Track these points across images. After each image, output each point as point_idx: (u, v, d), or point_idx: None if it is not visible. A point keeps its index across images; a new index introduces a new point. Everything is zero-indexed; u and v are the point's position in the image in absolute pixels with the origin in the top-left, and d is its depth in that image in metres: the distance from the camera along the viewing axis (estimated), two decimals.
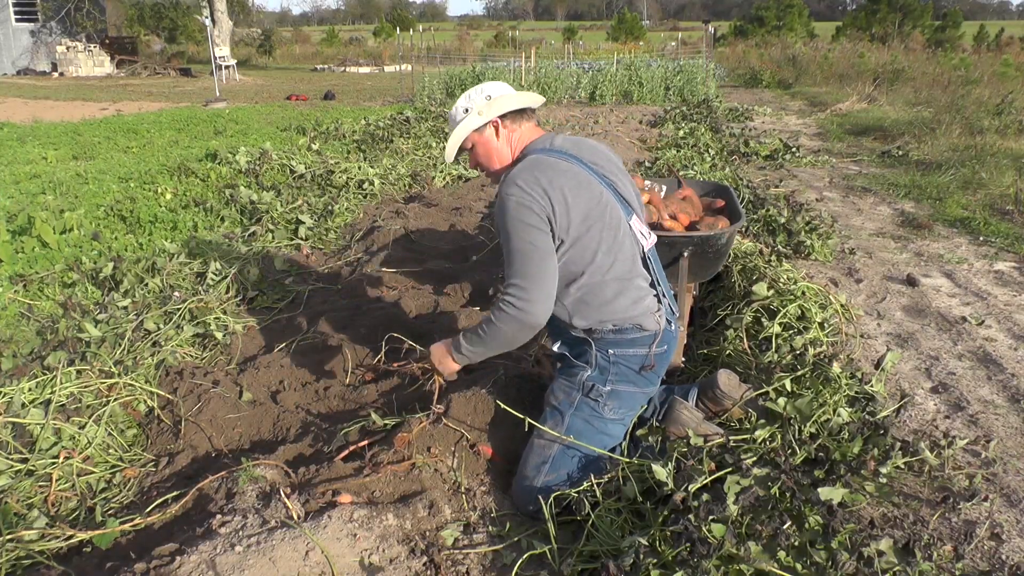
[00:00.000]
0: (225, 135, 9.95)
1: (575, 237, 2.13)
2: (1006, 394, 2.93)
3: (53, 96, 16.57)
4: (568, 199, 2.11)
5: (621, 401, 2.25)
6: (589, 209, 2.15)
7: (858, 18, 36.52)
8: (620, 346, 2.21)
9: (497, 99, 2.27)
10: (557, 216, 2.10)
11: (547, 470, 2.21)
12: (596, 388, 2.22)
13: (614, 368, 2.22)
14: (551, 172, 2.14)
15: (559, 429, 2.23)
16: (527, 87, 15.02)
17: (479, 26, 75.09)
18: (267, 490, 2.11)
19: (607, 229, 2.18)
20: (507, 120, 2.28)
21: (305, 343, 3.32)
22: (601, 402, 2.23)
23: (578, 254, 2.15)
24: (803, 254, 4.65)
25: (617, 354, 2.22)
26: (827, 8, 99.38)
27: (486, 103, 2.26)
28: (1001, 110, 9.79)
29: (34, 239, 4.78)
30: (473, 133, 2.29)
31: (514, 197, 2.09)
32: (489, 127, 2.28)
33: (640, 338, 2.22)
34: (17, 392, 2.67)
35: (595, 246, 2.16)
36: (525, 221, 2.08)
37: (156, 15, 33.06)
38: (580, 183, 2.16)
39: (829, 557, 1.77)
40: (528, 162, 2.19)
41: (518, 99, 2.29)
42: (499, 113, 2.26)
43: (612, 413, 2.25)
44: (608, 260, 2.18)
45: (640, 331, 2.22)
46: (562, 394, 2.28)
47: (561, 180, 2.13)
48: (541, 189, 2.09)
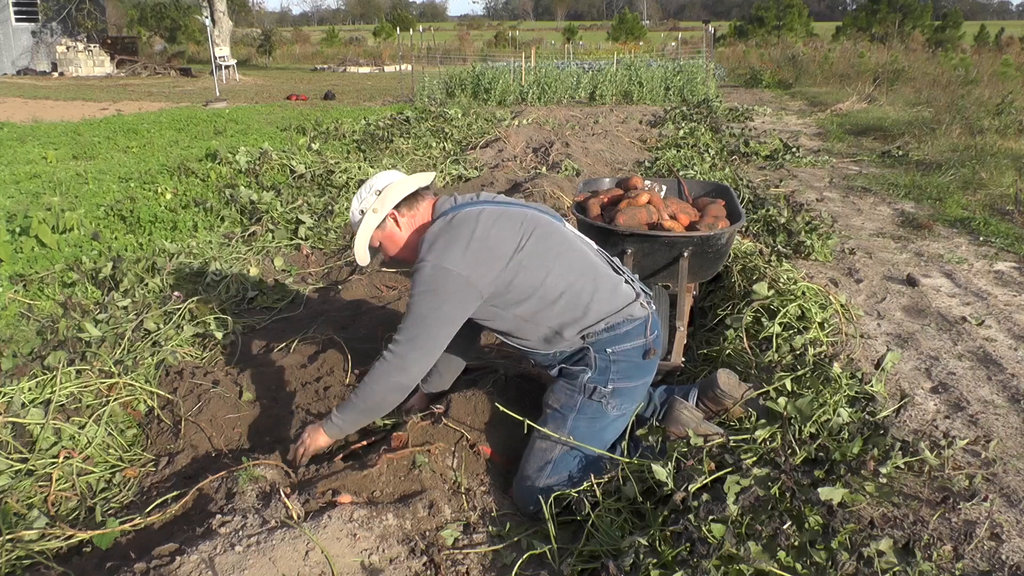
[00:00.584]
0: (225, 135, 9.95)
1: (518, 264, 2.14)
2: (1006, 394, 2.93)
3: (53, 96, 16.57)
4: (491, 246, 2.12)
5: (624, 397, 2.26)
6: (518, 234, 2.16)
7: (858, 18, 36.54)
8: (616, 343, 2.22)
9: (386, 191, 2.25)
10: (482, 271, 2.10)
11: (549, 472, 2.21)
12: (598, 390, 2.22)
13: (615, 367, 2.22)
14: (465, 225, 2.14)
15: (561, 432, 2.23)
16: (527, 87, 15.02)
17: (479, 26, 75.05)
18: (267, 490, 2.11)
19: (546, 239, 2.21)
20: (403, 208, 2.27)
21: (305, 343, 3.32)
22: (605, 402, 2.23)
23: (531, 278, 2.15)
24: (803, 254, 4.65)
25: (616, 351, 2.22)
26: (827, 8, 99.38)
27: (377, 199, 2.25)
28: (1001, 110, 9.79)
29: (33, 239, 4.79)
30: (376, 231, 2.28)
31: (430, 263, 2.10)
32: (388, 220, 2.27)
33: (633, 329, 2.23)
34: (17, 392, 2.67)
35: (543, 260, 2.17)
36: (435, 290, 2.08)
37: (158, 15, 33.05)
38: (498, 218, 2.17)
39: (829, 557, 1.77)
40: (441, 224, 2.18)
41: (407, 184, 2.28)
42: (393, 204, 2.25)
43: (616, 410, 2.25)
44: (564, 262, 2.20)
45: (631, 321, 2.23)
46: (564, 396, 2.27)
47: (477, 228, 2.13)
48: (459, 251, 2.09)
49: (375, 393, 2.18)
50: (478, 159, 8.10)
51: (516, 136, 9.18)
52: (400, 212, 2.26)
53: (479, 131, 10.11)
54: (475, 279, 2.09)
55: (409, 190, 2.27)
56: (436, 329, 2.12)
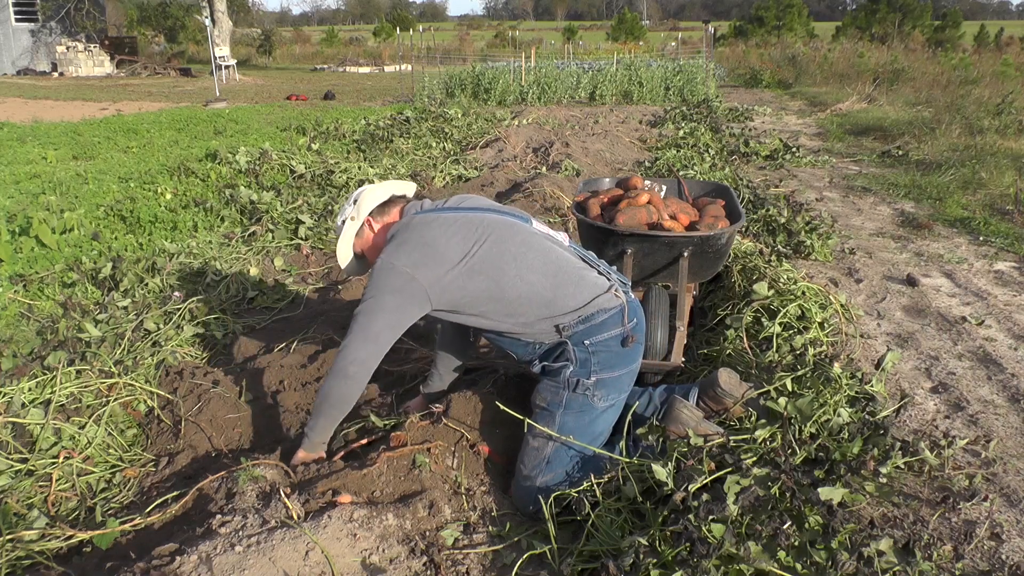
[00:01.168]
0: (225, 135, 9.95)
1: (466, 273, 2.18)
2: (1006, 394, 2.93)
3: (53, 96, 16.58)
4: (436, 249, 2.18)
5: (609, 388, 2.26)
6: (471, 240, 2.21)
7: (858, 18, 36.54)
8: (593, 334, 2.23)
9: (361, 199, 2.37)
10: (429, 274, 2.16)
11: (545, 470, 2.22)
12: (581, 382, 2.24)
13: (595, 358, 2.24)
14: (416, 232, 2.23)
15: (551, 429, 2.24)
16: (527, 87, 15.02)
17: (479, 26, 75.09)
18: (267, 490, 2.11)
19: (502, 242, 2.23)
20: (375, 215, 2.38)
21: (305, 343, 3.32)
22: (590, 394, 2.24)
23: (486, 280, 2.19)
24: (803, 254, 4.65)
25: (594, 342, 2.23)
26: (827, 8, 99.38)
27: (354, 207, 2.38)
28: (1001, 110, 9.79)
29: (33, 239, 4.79)
30: (356, 239, 2.40)
31: (382, 262, 2.20)
32: (364, 227, 2.38)
33: (609, 318, 2.24)
34: (17, 392, 2.67)
35: (499, 262, 2.20)
36: (384, 289, 2.17)
37: (161, 14, 33.02)
38: (449, 226, 2.24)
39: (829, 557, 1.77)
40: (395, 228, 2.29)
41: (381, 191, 2.40)
42: (367, 212, 2.37)
43: (602, 401, 2.26)
44: (523, 263, 2.22)
45: (606, 312, 2.24)
46: (549, 394, 2.29)
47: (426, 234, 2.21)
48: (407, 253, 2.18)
49: (324, 386, 2.25)
50: (478, 159, 8.10)
51: (516, 136, 9.18)
52: (375, 218, 2.38)
53: (479, 131, 10.11)
54: (419, 277, 2.16)
55: (382, 197, 2.39)
56: (375, 317, 2.18)
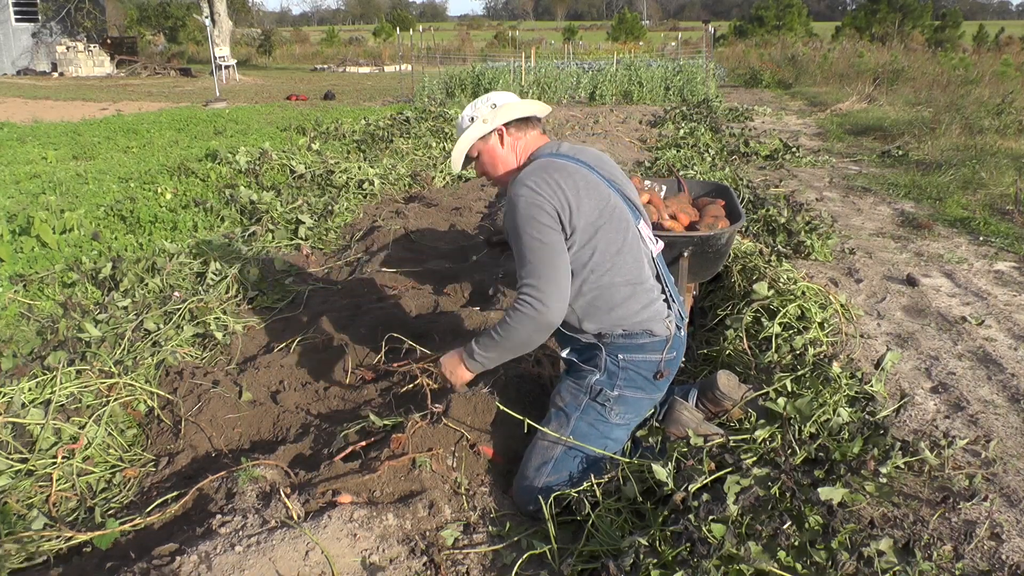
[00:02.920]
0: (225, 135, 9.95)
1: (585, 239, 2.13)
2: (1006, 394, 2.93)
3: (53, 96, 16.57)
4: (579, 198, 2.11)
5: (628, 407, 2.24)
6: (599, 210, 2.14)
7: (857, 18, 36.53)
8: (630, 351, 2.21)
9: (502, 107, 2.27)
10: (569, 215, 2.10)
11: (549, 471, 2.21)
12: (604, 392, 2.21)
13: (623, 374, 2.21)
14: (560, 173, 2.14)
15: (563, 431, 2.23)
16: (527, 87, 15.01)
17: (479, 26, 75.11)
18: (267, 490, 2.11)
19: (616, 231, 2.17)
20: (512, 128, 2.29)
21: (305, 343, 3.32)
22: (608, 407, 2.22)
23: (587, 255, 2.14)
24: (803, 254, 4.65)
25: (627, 359, 2.21)
26: (827, 8, 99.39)
27: (491, 111, 2.26)
28: (1001, 110, 9.79)
29: (34, 239, 4.79)
30: (479, 141, 2.29)
31: (524, 197, 2.09)
32: (494, 135, 2.28)
33: (650, 343, 2.21)
34: (17, 392, 2.67)
35: (604, 247, 2.15)
36: (537, 219, 2.07)
37: (161, 13, 33.01)
38: (589, 184, 2.17)
39: (829, 557, 1.77)
40: (536, 164, 2.19)
41: (523, 107, 2.30)
42: (504, 121, 2.27)
43: (618, 418, 2.24)
44: (618, 262, 2.17)
45: (650, 336, 2.21)
46: (569, 396, 2.27)
47: (571, 181, 2.13)
48: (551, 189, 2.09)
49: (521, 335, 2.11)
50: None
51: None
52: (509, 131, 2.28)
53: None
54: (563, 214, 2.09)
55: (524, 113, 2.28)
56: (555, 257, 2.08)
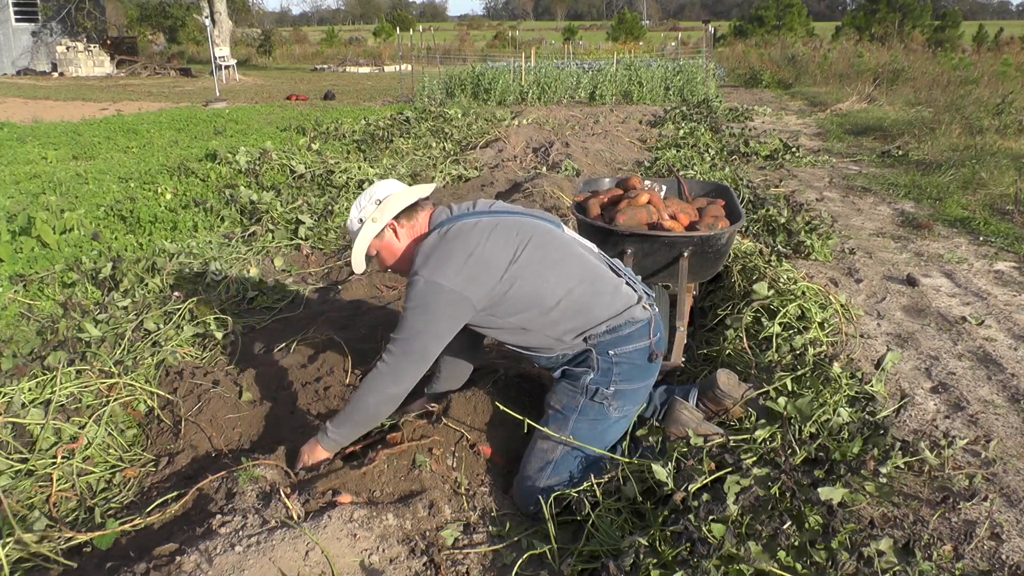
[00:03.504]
0: (225, 135, 9.95)
1: (510, 282, 2.13)
2: (1006, 394, 2.93)
3: (53, 96, 16.57)
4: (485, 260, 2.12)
5: (626, 399, 2.26)
6: (512, 245, 2.16)
7: (857, 18, 36.52)
8: (619, 344, 2.22)
9: (386, 201, 2.26)
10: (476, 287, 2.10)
11: (550, 472, 2.21)
12: (600, 391, 2.22)
13: (617, 368, 2.22)
14: (459, 240, 2.14)
15: (563, 432, 2.23)
16: (527, 87, 15.02)
17: (479, 26, 75.10)
18: (267, 490, 2.11)
19: (544, 248, 2.19)
20: (402, 219, 2.28)
21: (305, 343, 3.32)
22: (607, 404, 2.23)
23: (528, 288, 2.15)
24: (803, 254, 4.65)
25: (619, 353, 2.22)
26: (827, 8, 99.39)
27: (377, 208, 2.26)
28: (1001, 110, 9.79)
29: (34, 239, 4.79)
30: (374, 241, 2.29)
31: (424, 278, 2.11)
32: (387, 230, 2.28)
33: (636, 331, 2.23)
34: (17, 392, 2.67)
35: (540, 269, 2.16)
36: (428, 305, 2.10)
37: (161, 14, 32.99)
38: (492, 231, 2.17)
39: (829, 557, 1.77)
40: (435, 238, 2.18)
41: (407, 195, 2.29)
42: (392, 215, 2.26)
43: (617, 412, 2.25)
44: (563, 274, 2.19)
45: (633, 324, 2.22)
46: (565, 398, 2.27)
47: (469, 244, 2.13)
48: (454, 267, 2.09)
49: (368, 405, 2.20)
50: (478, 159, 8.09)
51: (516, 136, 9.18)
52: (399, 223, 2.28)
53: (479, 131, 10.10)
54: (469, 293, 2.10)
55: (409, 201, 2.28)
56: (428, 342, 2.14)
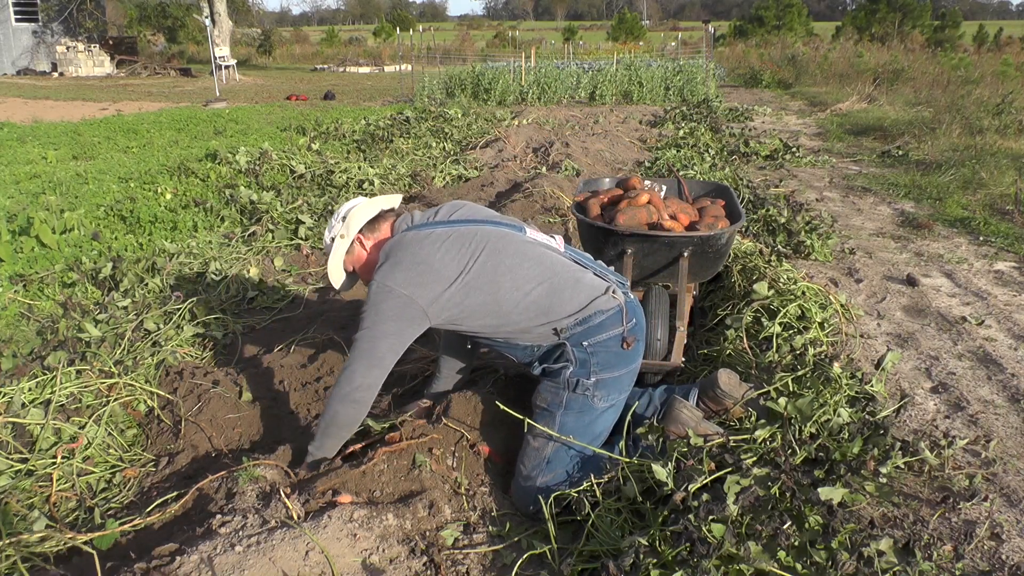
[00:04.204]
0: (225, 135, 9.95)
1: (463, 289, 2.18)
2: (1006, 394, 2.93)
3: (53, 96, 16.57)
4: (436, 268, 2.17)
5: (609, 388, 2.26)
6: (465, 254, 2.21)
7: (857, 18, 36.52)
8: (591, 335, 2.23)
9: (350, 216, 2.34)
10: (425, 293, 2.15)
11: (545, 470, 2.22)
12: (581, 382, 2.24)
13: (594, 359, 2.24)
14: (410, 250, 2.21)
15: (552, 429, 2.24)
16: (527, 87, 15.02)
17: (479, 26, 75.12)
18: (267, 490, 2.11)
19: (497, 255, 2.23)
20: (365, 231, 2.36)
21: (305, 343, 3.32)
22: (590, 394, 2.24)
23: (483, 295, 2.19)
24: (803, 254, 4.65)
25: (592, 343, 2.23)
26: (827, 8, 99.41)
27: (343, 224, 2.35)
28: (1001, 110, 9.79)
29: (34, 239, 4.79)
30: (346, 257, 2.38)
31: (377, 285, 2.18)
32: (355, 244, 2.37)
33: (607, 319, 2.24)
34: (17, 392, 2.67)
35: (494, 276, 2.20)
36: (382, 312, 2.15)
37: (161, 14, 32.98)
38: (443, 243, 2.22)
39: (829, 557, 1.77)
40: (387, 248, 2.25)
41: (370, 208, 2.37)
42: (357, 229, 2.34)
43: (602, 402, 2.26)
44: (519, 277, 2.22)
45: (603, 313, 2.24)
46: (549, 395, 2.29)
47: (421, 253, 2.19)
48: (404, 273, 2.16)
49: (330, 409, 2.23)
50: (478, 159, 8.10)
51: (516, 136, 9.18)
52: (364, 235, 2.36)
53: (479, 131, 10.10)
54: (416, 297, 2.16)
55: (371, 213, 2.37)
56: (378, 342, 2.17)
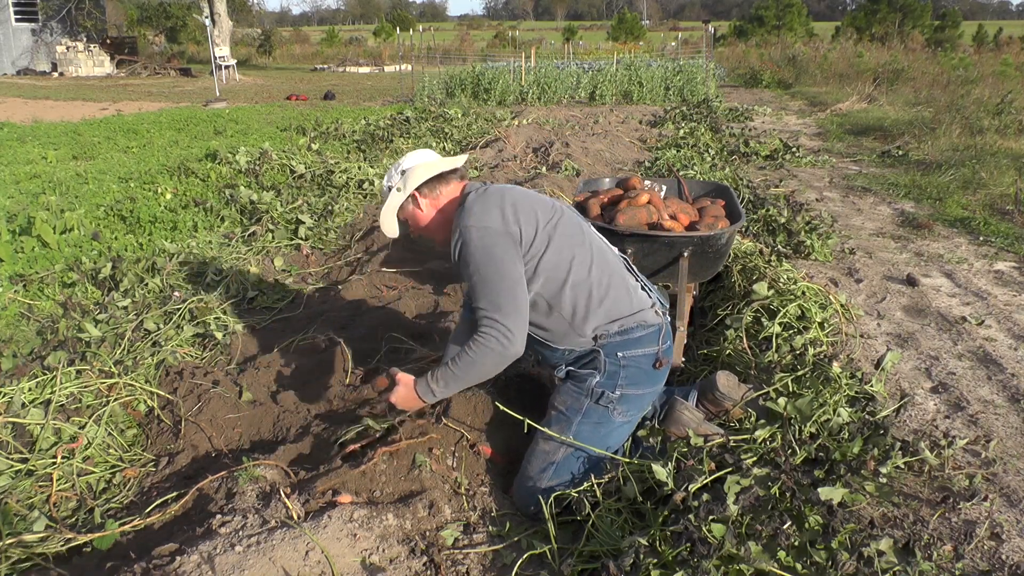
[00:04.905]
0: (225, 135, 9.95)
1: (545, 239, 2.16)
2: (1006, 394, 2.93)
3: (53, 96, 16.57)
4: (524, 208, 2.17)
5: (631, 404, 2.24)
6: (548, 212, 2.21)
7: (857, 18, 36.52)
8: (628, 347, 2.20)
9: (410, 172, 2.29)
10: (520, 228, 2.13)
11: (552, 473, 2.21)
12: (606, 395, 2.21)
13: (624, 372, 2.21)
14: (498, 196, 2.20)
15: (566, 435, 2.22)
16: (527, 87, 15.01)
17: (479, 26, 75.15)
18: (267, 490, 2.11)
19: (572, 226, 2.24)
20: (424, 189, 2.30)
21: (305, 343, 3.32)
22: (611, 408, 2.22)
23: (556, 253, 2.17)
24: (803, 254, 4.65)
25: (627, 356, 2.21)
26: (827, 8, 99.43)
27: (401, 178, 2.31)
28: (1001, 110, 9.79)
29: (34, 239, 4.79)
30: (399, 210, 2.35)
31: (472, 229, 2.10)
32: (409, 200, 2.32)
33: (646, 336, 2.22)
34: (17, 392, 2.67)
35: (569, 241, 2.20)
36: (490, 251, 2.08)
37: (161, 14, 32.98)
38: (528, 196, 2.24)
39: (829, 557, 1.77)
40: (472, 200, 2.21)
41: (431, 168, 2.31)
42: (415, 186, 2.29)
43: (621, 416, 2.24)
44: (586, 253, 2.21)
45: (645, 328, 2.21)
46: (570, 399, 2.26)
47: (510, 196, 2.19)
48: (497, 212, 2.13)
49: (484, 367, 2.11)
50: (478, 159, 8.09)
51: (516, 136, 9.18)
52: (422, 193, 2.31)
53: (479, 131, 10.10)
54: (515, 233, 2.11)
55: (431, 173, 2.29)
56: (514, 287, 2.08)
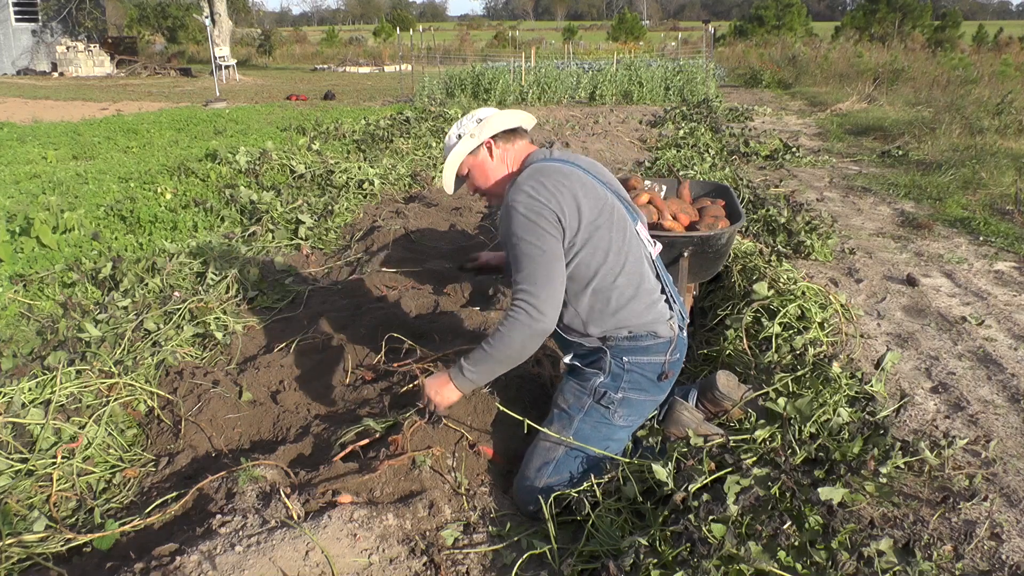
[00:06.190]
0: (225, 135, 9.95)
1: (585, 238, 2.13)
2: (1006, 394, 2.93)
3: (53, 96, 16.57)
4: (576, 200, 2.12)
5: (632, 409, 2.24)
6: (597, 210, 2.15)
7: (857, 18, 36.51)
8: (635, 353, 2.20)
9: (488, 120, 2.27)
10: (567, 216, 2.10)
11: (550, 472, 2.21)
12: (608, 395, 2.21)
13: (627, 376, 2.21)
14: (556, 176, 2.14)
15: (566, 432, 2.22)
16: (527, 87, 15.01)
17: (479, 26, 75.17)
18: (267, 490, 2.11)
19: (615, 230, 2.18)
20: (499, 140, 2.28)
21: (305, 343, 3.32)
22: (612, 409, 2.22)
23: (589, 255, 2.14)
24: (803, 254, 4.65)
25: (632, 362, 2.21)
26: (827, 8, 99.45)
27: (477, 126, 2.27)
28: (1001, 110, 9.79)
29: (34, 239, 4.79)
30: (468, 157, 2.30)
31: (522, 202, 2.09)
32: (483, 148, 2.28)
33: (655, 345, 2.21)
34: (17, 392, 2.67)
35: (605, 246, 2.15)
36: (536, 225, 2.06)
37: (161, 14, 32.99)
38: (585, 185, 2.17)
39: (829, 557, 1.77)
40: (532, 169, 2.18)
41: (509, 118, 2.29)
42: (491, 133, 2.26)
43: (622, 420, 2.24)
44: (619, 261, 2.18)
45: (655, 338, 2.21)
46: (572, 398, 2.27)
47: (567, 182, 2.13)
48: (549, 193, 2.09)
49: (514, 343, 2.08)
50: None
51: None
52: (496, 143, 2.28)
53: None
54: (563, 218, 2.09)
55: (510, 124, 2.28)
56: (551, 263, 2.07)
